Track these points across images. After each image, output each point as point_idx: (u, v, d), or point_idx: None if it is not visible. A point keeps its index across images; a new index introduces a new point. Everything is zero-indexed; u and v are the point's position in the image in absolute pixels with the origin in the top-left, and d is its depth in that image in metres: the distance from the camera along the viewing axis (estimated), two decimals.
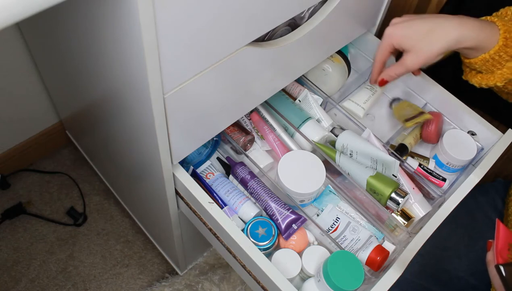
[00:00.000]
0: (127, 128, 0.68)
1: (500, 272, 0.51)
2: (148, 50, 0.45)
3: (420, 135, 0.83)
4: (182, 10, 0.45)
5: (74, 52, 0.66)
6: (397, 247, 0.69)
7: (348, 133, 0.76)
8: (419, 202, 0.74)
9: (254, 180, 0.72)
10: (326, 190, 0.75)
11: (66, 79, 0.85)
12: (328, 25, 0.71)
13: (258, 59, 0.63)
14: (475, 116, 0.80)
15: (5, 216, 1.17)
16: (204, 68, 0.54)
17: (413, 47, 0.68)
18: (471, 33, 0.65)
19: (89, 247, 1.18)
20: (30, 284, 1.11)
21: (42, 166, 1.27)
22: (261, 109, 0.81)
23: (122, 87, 0.57)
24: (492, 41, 0.65)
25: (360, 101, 0.84)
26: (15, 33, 0.95)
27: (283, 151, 0.77)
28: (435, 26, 0.66)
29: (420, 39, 0.67)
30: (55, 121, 1.21)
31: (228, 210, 0.71)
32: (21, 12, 0.32)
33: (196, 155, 0.77)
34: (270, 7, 0.57)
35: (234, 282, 1.15)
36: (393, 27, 0.70)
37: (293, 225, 0.69)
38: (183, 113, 0.58)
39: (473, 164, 0.79)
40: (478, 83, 0.71)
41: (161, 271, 1.18)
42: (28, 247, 1.16)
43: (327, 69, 0.84)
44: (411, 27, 0.68)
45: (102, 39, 0.52)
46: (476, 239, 0.80)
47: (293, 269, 0.67)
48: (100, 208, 1.24)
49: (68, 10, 0.55)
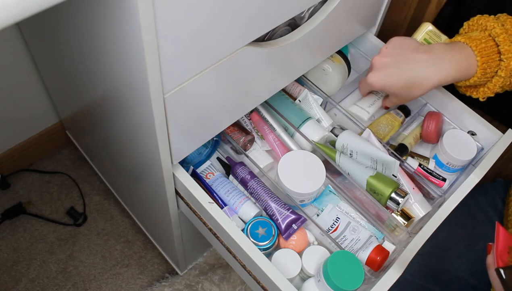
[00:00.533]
0: (127, 128, 0.68)
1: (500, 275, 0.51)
2: (148, 50, 0.45)
3: (420, 135, 0.83)
4: (182, 10, 0.45)
5: (74, 52, 0.66)
6: (397, 247, 0.69)
7: (348, 133, 0.76)
8: (419, 202, 0.74)
9: (254, 180, 0.72)
10: (326, 190, 0.75)
11: (66, 79, 0.85)
12: (328, 25, 0.71)
13: (258, 59, 0.63)
14: (475, 116, 0.80)
15: (5, 216, 1.17)
16: (204, 68, 0.54)
17: (394, 95, 0.74)
18: (448, 77, 0.68)
19: (89, 247, 1.18)
20: (30, 284, 1.11)
21: (42, 166, 1.27)
22: (261, 109, 0.81)
23: (122, 87, 0.57)
24: (470, 72, 0.68)
25: (365, 105, 0.85)
26: (15, 33, 0.95)
27: (283, 151, 0.77)
28: (413, 79, 0.69)
29: (399, 91, 0.71)
30: (55, 121, 1.21)
31: (228, 210, 0.71)
32: (21, 12, 0.32)
33: (196, 155, 0.77)
34: (270, 7, 0.56)
35: (234, 282, 1.15)
36: (373, 76, 0.72)
37: (293, 225, 0.69)
38: (183, 113, 0.58)
39: (473, 164, 0.79)
40: (483, 95, 0.74)
41: (161, 271, 1.18)
42: (28, 247, 1.16)
43: (327, 69, 0.84)
44: (390, 79, 0.70)
45: (102, 39, 0.52)
46: (476, 239, 0.80)
47: (293, 269, 0.67)
48: (100, 208, 1.24)
49: (68, 10, 0.55)
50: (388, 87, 0.71)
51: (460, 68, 0.67)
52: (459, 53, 0.68)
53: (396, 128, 0.83)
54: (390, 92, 0.74)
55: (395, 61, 0.70)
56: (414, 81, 0.68)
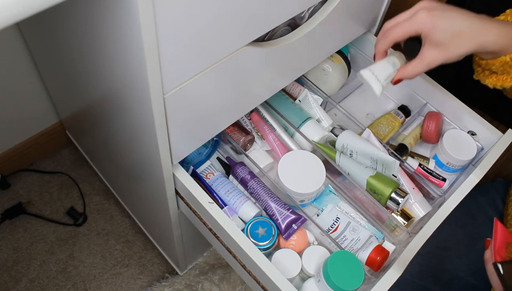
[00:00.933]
0: (127, 128, 0.68)
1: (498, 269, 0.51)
2: (148, 50, 0.45)
3: (420, 135, 0.83)
4: (182, 10, 0.45)
5: (74, 52, 0.66)
6: (397, 247, 0.69)
7: (348, 133, 0.76)
8: (419, 202, 0.74)
9: (254, 180, 0.72)
10: (326, 190, 0.75)
11: (66, 79, 0.85)
12: (328, 25, 0.71)
13: (258, 59, 0.63)
14: (475, 116, 0.80)
15: (5, 216, 1.17)
16: (204, 68, 0.54)
17: (442, 43, 0.61)
18: (496, 39, 0.61)
19: (89, 247, 1.18)
20: (30, 284, 1.11)
21: (42, 166, 1.27)
22: (261, 109, 0.81)
23: (122, 87, 0.57)
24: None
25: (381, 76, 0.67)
26: (15, 33, 0.95)
27: (283, 151, 0.77)
28: (466, 27, 0.61)
29: (453, 36, 0.61)
30: (55, 121, 1.21)
31: (228, 210, 0.71)
32: (21, 12, 0.32)
33: (196, 155, 0.77)
34: (270, 7, 0.56)
35: (234, 282, 1.15)
36: (428, 13, 0.61)
37: (293, 225, 0.69)
38: (183, 113, 0.58)
39: (473, 164, 0.79)
40: (493, 84, 0.68)
41: (161, 271, 1.18)
42: (28, 247, 1.16)
43: (327, 69, 0.84)
44: (446, 20, 0.61)
45: (102, 39, 0.52)
46: (476, 239, 0.80)
47: (293, 269, 0.67)
48: (100, 208, 1.24)
49: (68, 10, 0.55)
50: (442, 28, 0.60)
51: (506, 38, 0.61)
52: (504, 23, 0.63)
53: (396, 129, 0.83)
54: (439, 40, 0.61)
55: (447, 7, 0.62)
56: (467, 30, 0.60)
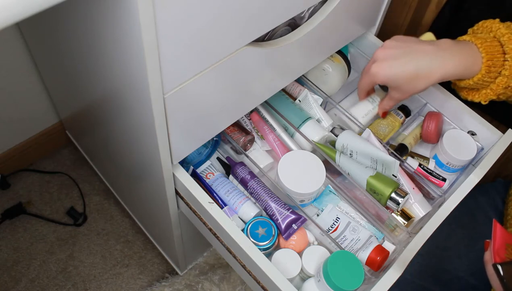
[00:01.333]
0: (127, 128, 0.68)
1: (497, 271, 0.52)
2: (148, 50, 0.45)
3: (420, 135, 0.83)
4: (182, 10, 0.45)
5: (74, 52, 0.66)
6: (397, 247, 0.69)
7: (348, 133, 0.76)
8: (419, 202, 0.74)
9: (254, 180, 0.72)
10: (326, 190, 0.75)
11: (66, 79, 0.85)
12: (328, 25, 0.71)
13: (258, 59, 0.63)
14: (475, 116, 0.80)
15: (5, 216, 1.17)
16: (204, 68, 0.54)
17: (397, 87, 0.71)
18: (454, 70, 0.67)
19: (89, 247, 1.18)
20: (30, 284, 1.11)
21: (42, 166, 1.27)
22: (261, 109, 0.81)
23: (122, 87, 0.57)
24: (475, 69, 0.67)
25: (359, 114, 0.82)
26: (15, 33, 0.95)
27: (283, 151, 0.77)
28: (418, 70, 0.67)
29: (404, 83, 0.69)
30: (55, 121, 1.21)
31: (228, 210, 0.71)
32: (21, 12, 0.32)
33: (196, 155, 0.77)
34: (270, 7, 0.57)
35: (234, 282, 1.15)
36: (378, 67, 0.70)
37: (293, 225, 0.69)
38: (183, 113, 0.58)
39: (473, 164, 0.79)
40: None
41: (161, 271, 1.18)
42: (28, 247, 1.16)
43: (327, 69, 0.84)
44: (395, 69, 0.69)
45: (102, 39, 0.52)
46: (476, 239, 0.80)
47: (293, 269, 0.67)
48: (100, 208, 1.24)
49: (68, 10, 0.55)
50: (393, 78, 0.69)
51: (465, 64, 0.66)
52: (465, 49, 0.67)
53: (396, 129, 0.82)
54: (395, 85, 0.71)
55: (400, 52, 0.69)
56: (420, 72, 0.67)
